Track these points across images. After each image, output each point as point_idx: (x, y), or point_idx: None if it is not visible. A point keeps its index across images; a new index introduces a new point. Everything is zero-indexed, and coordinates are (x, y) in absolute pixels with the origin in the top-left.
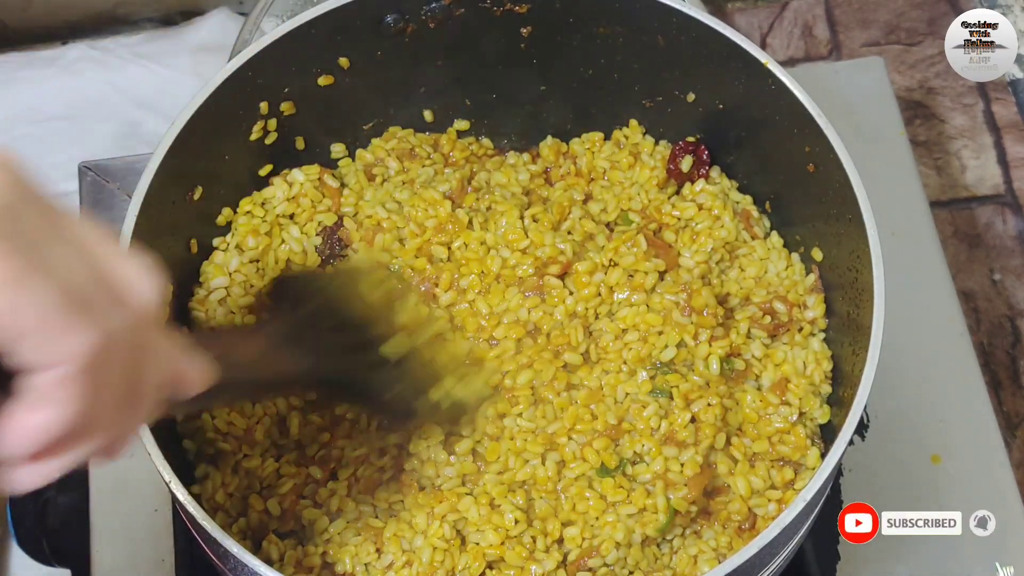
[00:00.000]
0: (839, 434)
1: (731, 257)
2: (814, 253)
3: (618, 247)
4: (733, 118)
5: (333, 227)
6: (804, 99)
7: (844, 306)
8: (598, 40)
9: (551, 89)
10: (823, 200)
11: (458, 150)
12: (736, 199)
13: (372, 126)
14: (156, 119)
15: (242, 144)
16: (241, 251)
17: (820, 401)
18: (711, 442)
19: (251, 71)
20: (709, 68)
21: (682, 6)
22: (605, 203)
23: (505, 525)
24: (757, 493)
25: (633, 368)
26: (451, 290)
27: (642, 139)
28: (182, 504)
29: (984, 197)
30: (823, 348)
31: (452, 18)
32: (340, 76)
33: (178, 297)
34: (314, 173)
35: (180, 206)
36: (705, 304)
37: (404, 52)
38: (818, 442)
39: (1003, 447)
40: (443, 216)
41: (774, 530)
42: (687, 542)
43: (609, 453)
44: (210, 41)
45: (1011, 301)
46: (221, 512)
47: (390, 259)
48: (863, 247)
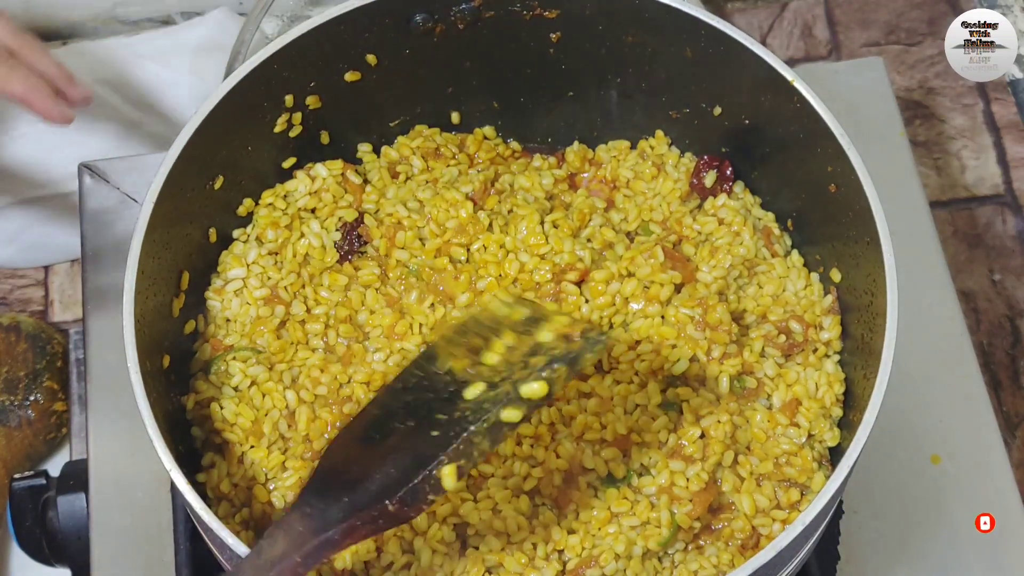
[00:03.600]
0: (842, 460)
1: (750, 274)
2: (832, 274)
3: (635, 257)
4: (759, 134)
5: (353, 223)
6: (828, 119)
7: (859, 329)
8: (626, 49)
9: (578, 95)
10: (843, 221)
11: (484, 151)
12: (759, 215)
13: (398, 123)
14: (156, 119)
15: (266, 136)
16: (260, 243)
17: (830, 424)
18: (719, 459)
19: (277, 64)
20: (736, 82)
21: (712, 19)
22: (626, 213)
23: (507, 530)
24: (762, 512)
25: (644, 380)
26: (468, 291)
27: (667, 150)
28: (181, 492)
29: (984, 197)
30: (837, 370)
31: (481, 20)
32: (367, 73)
33: (194, 285)
34: (337, 168)
35: (200, 194)
36: (720, 320)
37: (432, 52)
38: (826, 465)
39: (1003, 447)
40: (464, 218)
41: (770, 552)
42: (688, 557)
43: (617, 463)
44: (210, 41)
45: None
46: (225, 502)
47: (409, 258)
48: (879, 272)
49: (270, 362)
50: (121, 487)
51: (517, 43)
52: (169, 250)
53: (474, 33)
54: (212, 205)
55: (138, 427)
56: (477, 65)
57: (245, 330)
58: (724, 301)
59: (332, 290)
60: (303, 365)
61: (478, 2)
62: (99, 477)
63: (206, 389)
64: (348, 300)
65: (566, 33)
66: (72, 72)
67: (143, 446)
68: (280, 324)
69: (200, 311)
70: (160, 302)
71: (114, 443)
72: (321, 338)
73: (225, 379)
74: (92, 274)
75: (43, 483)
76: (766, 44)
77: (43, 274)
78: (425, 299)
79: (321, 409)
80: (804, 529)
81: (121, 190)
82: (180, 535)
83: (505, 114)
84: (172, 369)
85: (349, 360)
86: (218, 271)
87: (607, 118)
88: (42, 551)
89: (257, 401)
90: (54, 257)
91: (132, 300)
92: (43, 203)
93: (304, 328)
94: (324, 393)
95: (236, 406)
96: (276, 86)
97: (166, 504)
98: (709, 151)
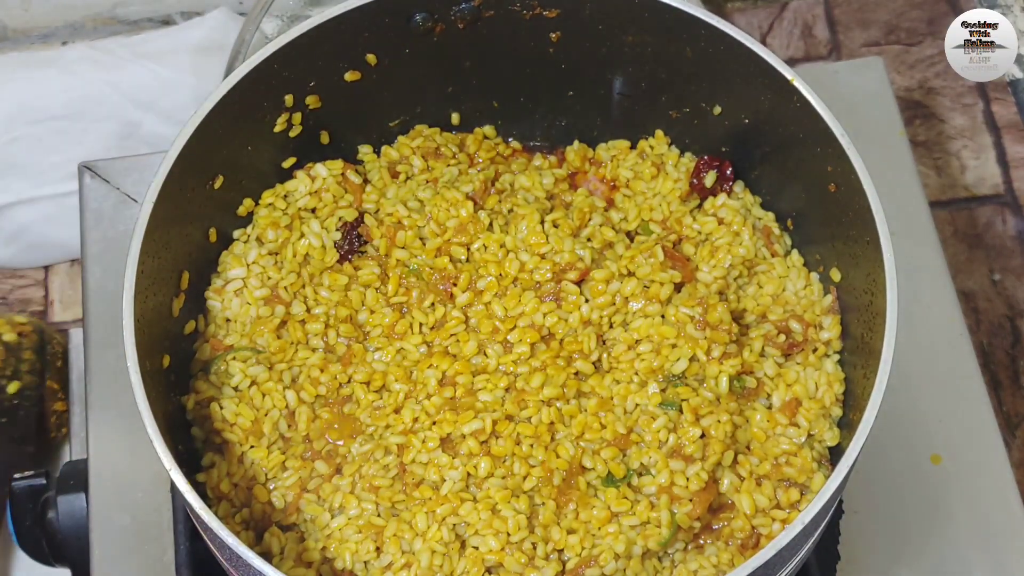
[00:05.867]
0: (841, 460)
1: (750, 273)
2: (832, 273)
3: (635, 257)
4: (759, 133)
5: (353, 223)
6: (828, 118)
7: (859, 329)
8: (626, 49)
9: (578, 95)
10: (843, 221)
11: (484, 150)
12: (759, 215)
13: (398, 123)
14: (156, 119)
15: (266, 136)
16: (260, 243)
17: (830, 423)
18: (718, 458)
19: (277, 63)
20: (736, 82)
21: (712, 19)
22: (626, 212)
23: (507, 530)
24: (762, 512)
25: (644, 379)
26: (468, 291)
27: (667, 150)
28: (181, 492)
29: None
30: (836, 370)
31: (481, 19)
32: (367, 72)
33: (194, 285)
34: (337, 168)
35: (200, 194)
36: (720, 320)
37: (432, 51)
38: (825, 465)
39: (1003, 447)
40: (464, 217)
41: (770, 552)
42: (688, 556)
43: (617, 463)
44: (210, 41)
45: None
46: (225, 502)
47: (410, 257)
48: (879, 271)
49: (270, 362)
50: (121, 487)
51: (517, 43)
52: (169, 250)
53: (474, 33)
54: (212, 205)
55: (138, 427)
56: (477, 65)
57: (245, 330)
58: (724, 301)
59: (332, 290)
60: (303, 365)
61: (478, 2)
62: (99, 477)
63: (206, 389)
64: (348, 300)
65: (566, 33)
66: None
67: (143, 446)
68: (280, 324)
69: (200, 311)
70: (160, 302)
71: (114, 443)
72: (321, 338)
73: (225, 379)
74: (92, 274)
75: (43, 483)
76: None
77: (43, 274)
78: (425, 298)
79: (321, 409)
80: (804, 529)
81: (121, 190)
82: (180, 535)
83: (505, 114)
84: (172, 369)
85: (349, 360)
86: (218, 271)
87: (607, 118)
88: (42, 551)
89: (257, 401)
90: (54, 257)
91: (132, 300)
92: (43, 203)
93: (304, 328)
94: (324, 393)
95: (236, 406)
96: (276, 86)
97: (166, 504)
98: (709, 151)
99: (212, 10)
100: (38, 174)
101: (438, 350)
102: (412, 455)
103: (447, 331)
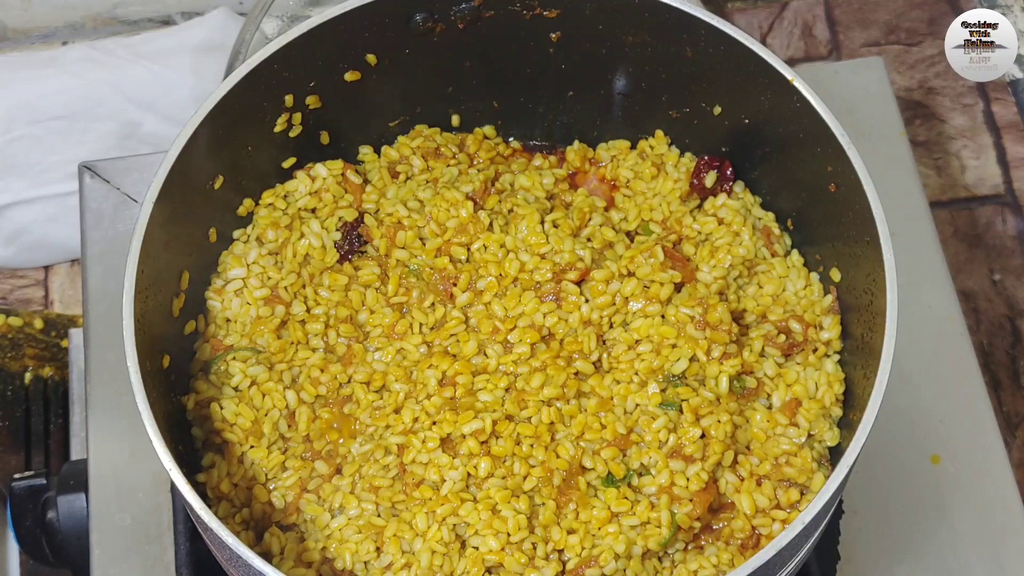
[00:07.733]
0: (841, 460)
1: (750, 273)
2: (832, 273)
3: (635, 257)
4: (759, 133)
5: (353, 223)
6: (828, 118)
7: (859, 329)
8: (627, 49)
9: (578, 95)
10: (843, 221)
11: (484, 150)
12: (759, 215)
13: (398, 123)
14: (156, 119)
15: (266, 136)
16: (260, 243)
17: (830, 423)
18: (719, 459)
19: (277, 63)
20: (736, 82)
21: (712, 19)
22: (626, 212)
23: (507, 530)
24: (762, 512)
25: (644, 379)
26: (468, 291)
27: (667, 150)
28: (181, 492)
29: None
30: (836, 370)
31: (481, 19)
32: (367, 72)
33: (194, 285)
34: (337, 168)
35: (200, 194)
36: (720, 320)
37: (432, 51)
38: (825, 465)
39: (1003, 447)
40: (464, 217)
41: (770, 552)
42: (688, 556)
43: (617, 463)
44: (210, 41)
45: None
46: (225, 502)
47: (410, 257)
48: (879, 271)
49: (270, 362)
50: (121, 487)
51: (517, 43)
52: (169, 250)
53: (474, 33)
54: (212, 205)
55: (138, 427)
56: (477, 65)
57: (245, 330)
58: (724, 301)
59: (332, 290)
60: (303, 365)
61: (478, 2)
62: (99, 477)
63: (206, 389)
64: (348, 300)
65: (566, 33)
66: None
67: (143, 446)
68: (280, 324)
69: (200, 311)
70: (160, 302)
71: (114, 443)
72: (321, 338)
73: (225, 379)
74: (92, 274)
75: (43, 483)
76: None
77: (43, 274)
78: (425, 299)
79: (321, 409)
80: (804, 529)
81: (121, 190)
82: (180, 535)
83: (505, 114)
84: (172, 369)
85: (349, 360)
86: (218, 271)
87: (607, 118)
88: (42, 551)
89: (257, 401)
90: (54, 257)
91: (132, 300)
92: (43, 203)
93: (304, 328)
94: (324, 393)
95: (236, 406)
96: (276, 86)
97: (166, 504)
98: (709, 151)
99: (212, 10)
100: (38, 174)
101: (438, 350)
102: (412, 455)
103: (447, 331)
